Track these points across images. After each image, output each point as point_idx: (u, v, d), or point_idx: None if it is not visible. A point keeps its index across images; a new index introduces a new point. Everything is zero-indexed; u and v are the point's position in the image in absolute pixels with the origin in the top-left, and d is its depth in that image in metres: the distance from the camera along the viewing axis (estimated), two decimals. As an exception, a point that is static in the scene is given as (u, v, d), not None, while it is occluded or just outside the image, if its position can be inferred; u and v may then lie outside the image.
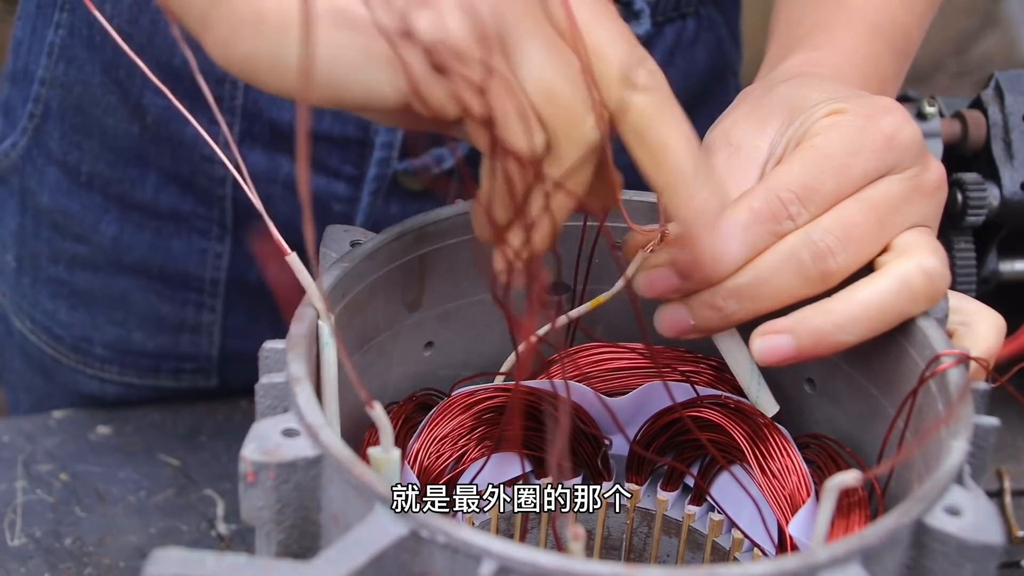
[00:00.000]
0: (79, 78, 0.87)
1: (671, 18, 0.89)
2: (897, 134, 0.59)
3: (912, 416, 0.57)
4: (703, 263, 0.56)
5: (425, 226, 0.62)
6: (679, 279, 0.57)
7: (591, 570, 0.44)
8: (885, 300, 0.56)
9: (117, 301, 0.93)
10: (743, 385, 0.63)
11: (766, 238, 0.57)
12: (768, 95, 0.64)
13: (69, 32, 0.87)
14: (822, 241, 0.57)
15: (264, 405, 0.53)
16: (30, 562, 0.77)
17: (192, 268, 0.91)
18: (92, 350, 0.95)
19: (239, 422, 0.90)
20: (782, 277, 0.57)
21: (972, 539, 0.47)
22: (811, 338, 0.56)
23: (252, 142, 0.86)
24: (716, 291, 0.57)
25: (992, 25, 2.50)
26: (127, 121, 0.87)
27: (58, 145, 0.90)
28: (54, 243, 0.93)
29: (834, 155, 0.58)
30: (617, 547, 0.66)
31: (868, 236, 0.57)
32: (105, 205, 0.90)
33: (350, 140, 0.85)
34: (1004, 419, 0.55)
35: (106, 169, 0.89)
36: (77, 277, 0.93)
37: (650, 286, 0.58)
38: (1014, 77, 0.87)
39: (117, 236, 0.90)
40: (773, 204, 0.57)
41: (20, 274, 0.96)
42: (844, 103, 0.60)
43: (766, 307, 0.57)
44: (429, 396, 0.65)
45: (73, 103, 0.88)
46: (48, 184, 0.91)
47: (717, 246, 0.56)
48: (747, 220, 0.57)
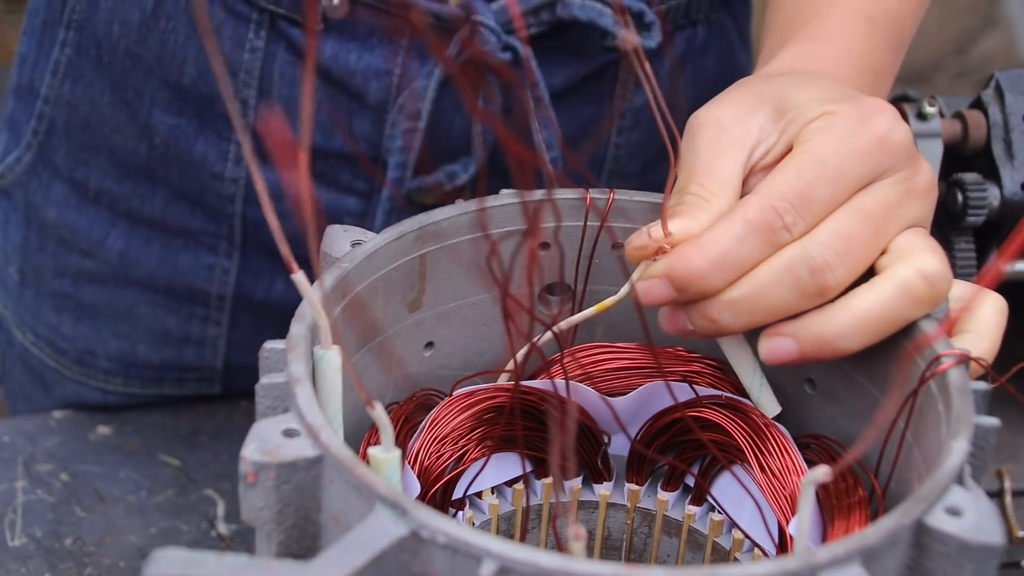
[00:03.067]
0: (86, 97, 0.87)
1: (681, 26, 0.89)
2: (889, 136, 0.58)
3: (912, 416, 0.57)
4: (696, 276, 0.56)
5: (425, 226, 0.62)
6: (675, 291, 0.57)
7: (591, 570, 0.44)
8: (885, 308, 0.56)
9: (122, 314, 0.92)
10: (745, 385, 0.63)
11: (763, 248, 0.57)
12: (762, 84, 0.64)
13: (76, 51, 0.86)
14: (820, 257, 0.56)
15: (264, 405, 0.53)
16: (30, 562, 0.77)
17: (199, 283, 0.90)
18: (96, 363, 0.94)
19: (239, 422, 0.91)
20: (779, 292, 0.57)
21: (972, 539, 0.47)
22: (813, 344, 0.57)
23: (263, 159, 0.86)
24: (711, 303, 0.57)
25: (992, 25, 2.50)
26: (135, 140, 0.86)
27: (64, 161, 0.89)
28: (59, 257, 0.92)
29: (828, 161, 0.57)
30: (617, 547, 0.66)
31: (865, 247, 0.57)
32: (113, 220, 0.89)
33: (362, 158, 0.85)
34: (1004, 419, 0.55)
35: (114, 185, 0.88)
36: (83, 291, 0.92)
37: (647, 296, 0.58)
38: (1014, 77, 0.87)
39: (124, 251, 0.90)
40: (768, 215, 0.57)
41: (23, 287, 0.95)
42: (835, 105, 0.60)
43: (762, 320, 0.58)
44: (429, 396, 0.65)
45: (80, 121, 0.88)
46: (54, 199, 0.91)
47: (711, 259, 0.56)
48: (742, 231, 0.56)
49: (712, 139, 0.61)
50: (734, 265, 0.57)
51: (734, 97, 0.63)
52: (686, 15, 0.88)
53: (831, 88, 0.62)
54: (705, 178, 0.60)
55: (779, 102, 0.61)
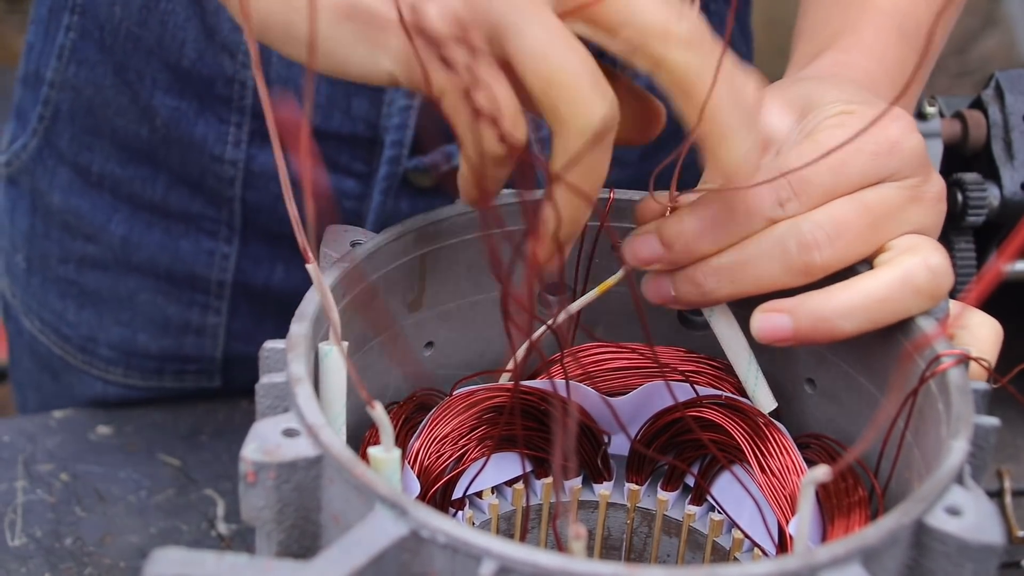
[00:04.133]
0: (90, 80, 0.88)
1: None
2: (901, 142, 0.59)
3: (912, 416, 0.57)
4: (685, 234, 0.57)
5: (425, 226, 0.62)
6: (662, 248, 0.57)
7: (591, 570, 0.44)
8: (887, 292, 0.56)
9: (124, 301, 0.93)
10: (741, 378, 0.63)
11: (753, 220, 0.57)
12: (791, 87, 0.64)
13: (80, 35, 0.87)
14: (810, 233, 0.57)
15: (264, 405, 0.53)
16: (30, 562, 0.77)
17: (199, 269, 0.91)
18: (98, 350, 0.95)
19: (240, 422, 0.91)
20: (765, 263, 0.57)
21: (972, 539, 0.47)
22: (810, 321, 0.56)
23: (262, 141, 0.86)
24: (698, 267, 0.58)
25: (992, 25, 2.50)
26: (137, 122, 0.87)
27: (68, 146, 0.90)
28: (64, 243, 0.93)
29: None
30: (617, 547, 0.66)
31: (858, 236, 0.57)
32: (115, 205, 0.91)
33: (360, 138, 0.85)
34: (1004, 419, 0.55)
35: (117, 169, 0.89)
36: (86, 277, 0.94)
37: (634, 254, 0.58)
38: (1014, 77, 0.87)
39: (126, 236, 0.91)
40: (763, 187, 0.57)
41: (30, 274, 0.96)
42: (854, 106, 0.60)
43: (746, 290, 0.58)
44: (429, 396, 0.65)
45: (84, 105, 0.89)
46: (59, 184, 0.92)
47: (702, 219, 0.57)
48: (732, 199, 0.57)
49: None
50: (724, 230, 0.57)
51: (766, 99, 0.63)
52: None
53: (857, 93, 0.63)
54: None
55: (805, 104, 0.62)
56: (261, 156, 0.86)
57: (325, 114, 0.84)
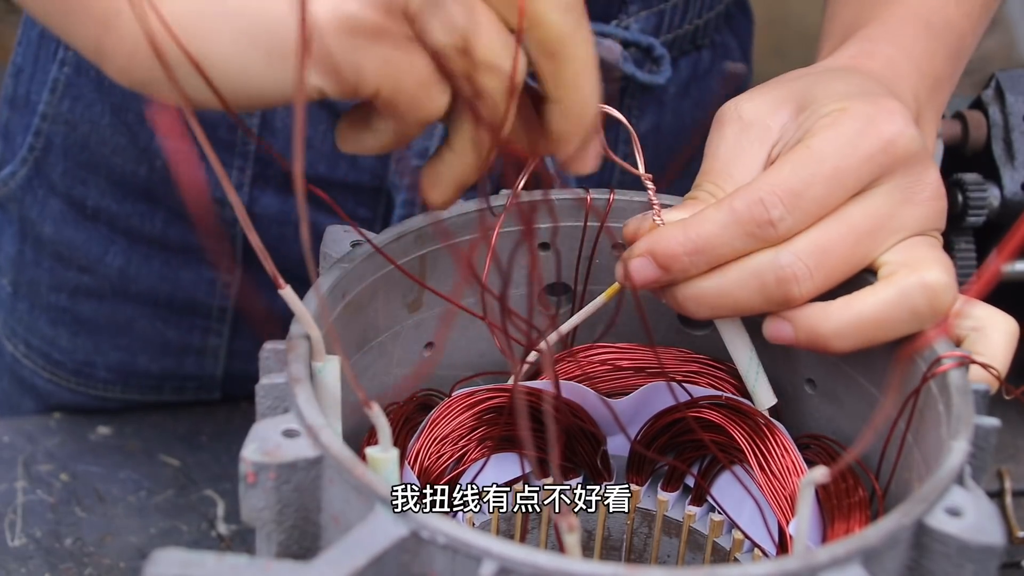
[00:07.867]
0: (86, 117, 0.86)
1: (686, 51, 0.89)
2: (895, 141, 0.58)
3: (913, 417, 0.57)
4: (674, 256, 0.57)
5: (425, 226, 0.62)
6: (659, 270, 0.57)
7: (591, 570, 0.44)
8: (883, 314, 0.56)
9: (122, 328, 0.91)
10: (742, 373, 0.63)
11: (745, 240, 0.56)
12: (792, 80, 0.63)
13: (75, 70, 0.85)
14: (790, 267, 0.56)
15: (264, 406, 0.53)
16: (30, 562, 0.77)
17: (200, 297, 0.90)
18: (95, 373, 0.92)
19: (239, 423, 0.90)
20: (743, 294, 0.57)
21: (973, 540, 0.47)
22: (806, 335, 0.57)
23: (264, 185, 0.86)
24: (680, 287, 0.58)
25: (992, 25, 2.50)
26: (135, 162, 0.85)
27: (61, 179, 0.88)
28: (56, 272, 0.90)
29: (827, 159, 0.57)
30: (617, 547, 0.66)
31: (842, 260, 0.57)
32: (111, 237, 0.88)
33: (365, 187, 0.85)
34: (1004, 419, 0.55)
35: (113, 204, 0.87)
36: (80, 305, 0.91)
37: (637, 276, 0.58)
38: (1014, 77, 0.87)
39: (124, 267, 0.89)
40: (755, 207, 0.56)
41: (16, 299, 0.93)
42: (849, 101, 0.59)
43: (725, 315, 0.58)
44: (429, 396, 0.65)
45: (79, 140, 0.86)
46: (51, 215, 0.89)
47: (691, 240, 0.56)
48: (726, 219, 0.56)
49: (732, 137, 0.61)
50: (713, 252, 0.57)
51: (761, 93, 0.62)
52: (692, 41, 0.88)
53: (858, 84, 0.62)
54: (719, 177, 0.60)
55: (802, 98, 0.61)
56: (264, 199, 0.86)
57: (330, 162, 0.84)
